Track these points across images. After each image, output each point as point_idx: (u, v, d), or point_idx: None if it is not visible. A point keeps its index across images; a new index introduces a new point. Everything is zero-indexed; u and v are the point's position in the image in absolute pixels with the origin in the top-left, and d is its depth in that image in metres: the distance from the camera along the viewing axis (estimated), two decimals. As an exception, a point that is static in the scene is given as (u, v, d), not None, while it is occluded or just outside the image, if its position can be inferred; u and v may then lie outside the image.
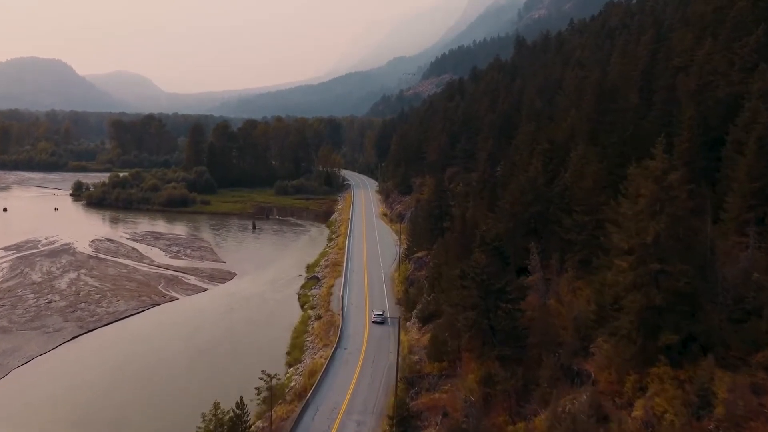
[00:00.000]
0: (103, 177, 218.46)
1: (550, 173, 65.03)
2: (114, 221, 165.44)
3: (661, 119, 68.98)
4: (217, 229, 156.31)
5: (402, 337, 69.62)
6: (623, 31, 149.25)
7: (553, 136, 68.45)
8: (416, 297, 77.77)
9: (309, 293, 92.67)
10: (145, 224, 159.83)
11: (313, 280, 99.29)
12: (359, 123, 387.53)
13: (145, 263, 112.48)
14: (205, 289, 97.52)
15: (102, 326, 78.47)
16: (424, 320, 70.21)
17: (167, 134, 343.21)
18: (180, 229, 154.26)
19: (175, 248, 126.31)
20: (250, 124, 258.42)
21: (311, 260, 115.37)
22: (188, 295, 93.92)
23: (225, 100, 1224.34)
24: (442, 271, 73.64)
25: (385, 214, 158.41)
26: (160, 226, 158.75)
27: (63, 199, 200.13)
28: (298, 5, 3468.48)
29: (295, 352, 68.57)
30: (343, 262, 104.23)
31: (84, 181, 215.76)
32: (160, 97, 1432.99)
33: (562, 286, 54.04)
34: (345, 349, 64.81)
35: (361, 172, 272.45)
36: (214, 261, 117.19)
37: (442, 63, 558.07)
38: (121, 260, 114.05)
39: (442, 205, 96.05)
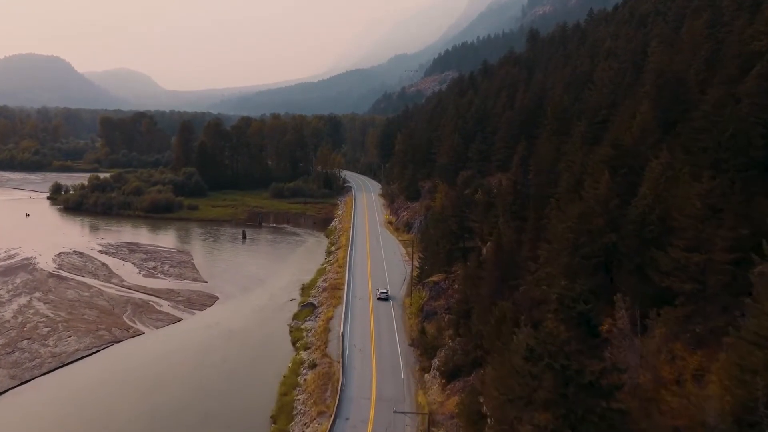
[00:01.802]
0: (88, 177, 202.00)
1: (616, 188, 49.24)
2: (91, 229, 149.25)
3: (757, 115, 53.31)
4: (204, 239, 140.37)
5: (420, 398, 54.10)
6: (657, 19, 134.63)
7: (619, 138, 52.42)
8: (436, 340, 62.15)
9: (303, 326, 76.92)
10: (124, 233, 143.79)
11: (308, 308, 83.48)
12: (361, 121, 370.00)
13: (113, 283, 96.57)
14: (179, 319, 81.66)
15: (41, 375, 62.63)
16: (449, 375, 54.47)
17: (159, 132, 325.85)
18: (162, 239, 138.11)
19: (152, 264, 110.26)
20: (245, 122, 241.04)
21: (307, 279, 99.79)
22: (157, 327, 78.01)
23: (225, 97, 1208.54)
24: (472, 309, 58.27)
25: (390, 222, 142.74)
26: (141, 235, 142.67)
27: (39, 202, 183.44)
28: (298, 3, 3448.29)
29: (281, 419, 52.70)
30: (343, 285, 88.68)
31: (66, 182, 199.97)
32: (160, 95, 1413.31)
33: (654, 352, 38.29)
34: (347, 419, 49.09)
35: (362, 172, 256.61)
36: (194, 280, 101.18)
37: (445, 59, 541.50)
38: (85, 279, 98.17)
39: (462, 220, 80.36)
